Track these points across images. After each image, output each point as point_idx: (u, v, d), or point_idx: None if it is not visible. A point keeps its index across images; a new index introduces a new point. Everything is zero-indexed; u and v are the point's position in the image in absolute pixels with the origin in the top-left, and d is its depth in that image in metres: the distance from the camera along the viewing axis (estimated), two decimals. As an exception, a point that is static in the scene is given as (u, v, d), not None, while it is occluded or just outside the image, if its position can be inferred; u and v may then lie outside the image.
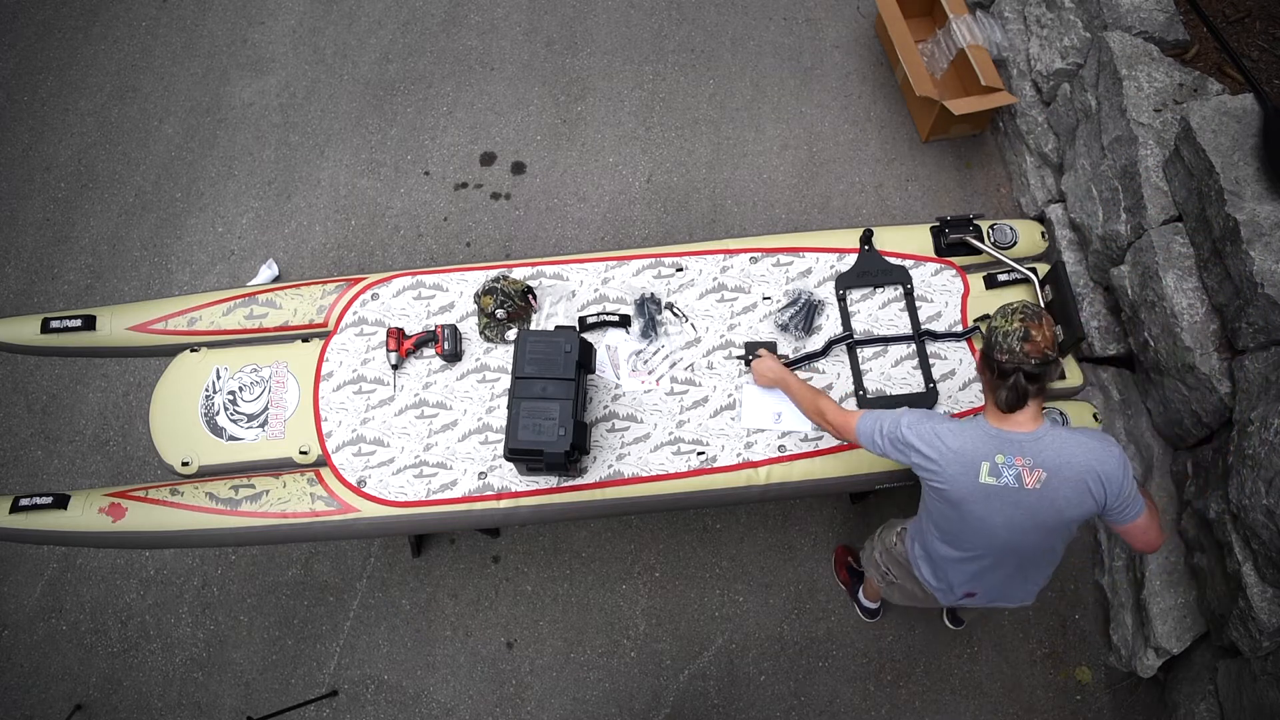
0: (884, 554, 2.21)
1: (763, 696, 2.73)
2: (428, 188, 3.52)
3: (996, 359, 1.64)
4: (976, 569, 1.88)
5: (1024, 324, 1.61)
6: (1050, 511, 1.69)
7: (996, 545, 1.80)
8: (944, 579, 1.95)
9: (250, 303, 2.33)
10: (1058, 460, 1.66)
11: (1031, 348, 1.60)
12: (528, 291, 2.31)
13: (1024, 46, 3.28)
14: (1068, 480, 1.66)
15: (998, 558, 1.84)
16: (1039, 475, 1.66)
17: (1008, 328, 1.63)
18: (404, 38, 3.85)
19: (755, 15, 3.87)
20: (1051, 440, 1.67)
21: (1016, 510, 1.70)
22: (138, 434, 3.09)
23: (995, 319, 1.67)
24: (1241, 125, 2.32)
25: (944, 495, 1.74)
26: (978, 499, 1.71)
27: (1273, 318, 2.09)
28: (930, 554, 1.94)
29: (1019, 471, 1.66)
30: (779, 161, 3.53)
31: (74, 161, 3.61)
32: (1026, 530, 1.74)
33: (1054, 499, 1.67)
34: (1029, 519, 1.71)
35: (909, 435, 1.74)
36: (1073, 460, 1.65)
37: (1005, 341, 1.62)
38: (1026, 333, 1.61)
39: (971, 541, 1.82)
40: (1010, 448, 1.67)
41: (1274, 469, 1.98)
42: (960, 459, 1.69)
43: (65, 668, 2.80)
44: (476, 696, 2.74)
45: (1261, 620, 2.06)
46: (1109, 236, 2.70)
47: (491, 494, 2.14)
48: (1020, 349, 1.60)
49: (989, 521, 1.73)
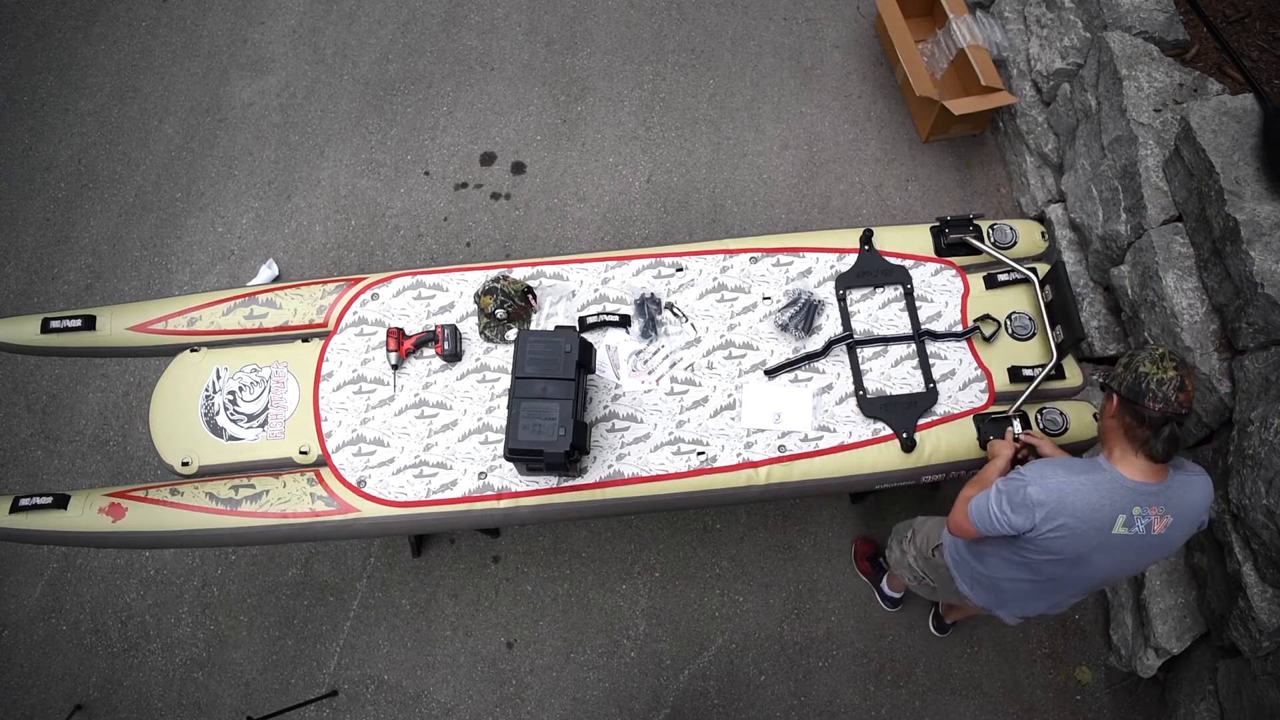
0: (920, 561, 2.16)
1: (763, 696, 2.73)
2: (428, 188, 3.52)
3: (1149, 408, 1.55)
4: (1050, 598, 1.85)
5: (1179, 373, 1.55)
6: (1162, 550, 1.69)
7: (1094, 582, 1.78)
8: (1001, 599, 1.91)
9: (250, 303, 2.33)
10: (1182, 505, 1.64)
11: (1185, 398, 1.55)
12: (528, 291, 2.31)
13: (1024, 46, 3.28)
14: (1187, 521, 1.66)
15: (1084, 590, 1.82)
16: (1167, 521, 1.64)
17: (1162, 375, 1.55)
18: (404, 38, 3.85)
19: (755, 15, 3.87)
20: (1178, 486, 1.64)
21: (1135, 555, 1.68)
22: (138, 434, 3.09)
23: (1143, 365, 1.58)
24: (1241, 125, 2.32)
25: (1061, 548, 1.67)
26: (1104, 550, 1.66)
27: (1273, 318, 2.09)
28: (994, 583, 1.88)
29: (1151, 520, 1.63)
30: (779, 161, 3.53)
31: (74, 161, 3.61)
32: (1131, 569, 1.74)
33: (1171, 540, 1.67)
34: (1140, 561, 1.71)
35: (1033, 494, 1.63)
36: (1193, 503, 1.65)
37: (1161, 390, 1.54)
38: (1183, 382, 1.55)
39: (1067, 582, 1.77)
40: (1147, 500, 1.62)
41: (1274, 469, 1.98)
42: (1095, 515, 1.62)
43: (65, 668, 2.80)
44: (476, 696, 2.74)
45: (1261, 620, 2.06)
46: (1109, 236, 2.70)
47: (491, 494, 2.14)
48: (1176, 399, 1.54)
49: (1102, 568, 1.71)
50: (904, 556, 2.24)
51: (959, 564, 1.96)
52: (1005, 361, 2.27)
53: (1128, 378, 1.60)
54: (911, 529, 2.25)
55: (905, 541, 2.24)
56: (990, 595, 1.93)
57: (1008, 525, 1.67)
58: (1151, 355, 1.59)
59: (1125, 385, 1.60)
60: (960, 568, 1.96)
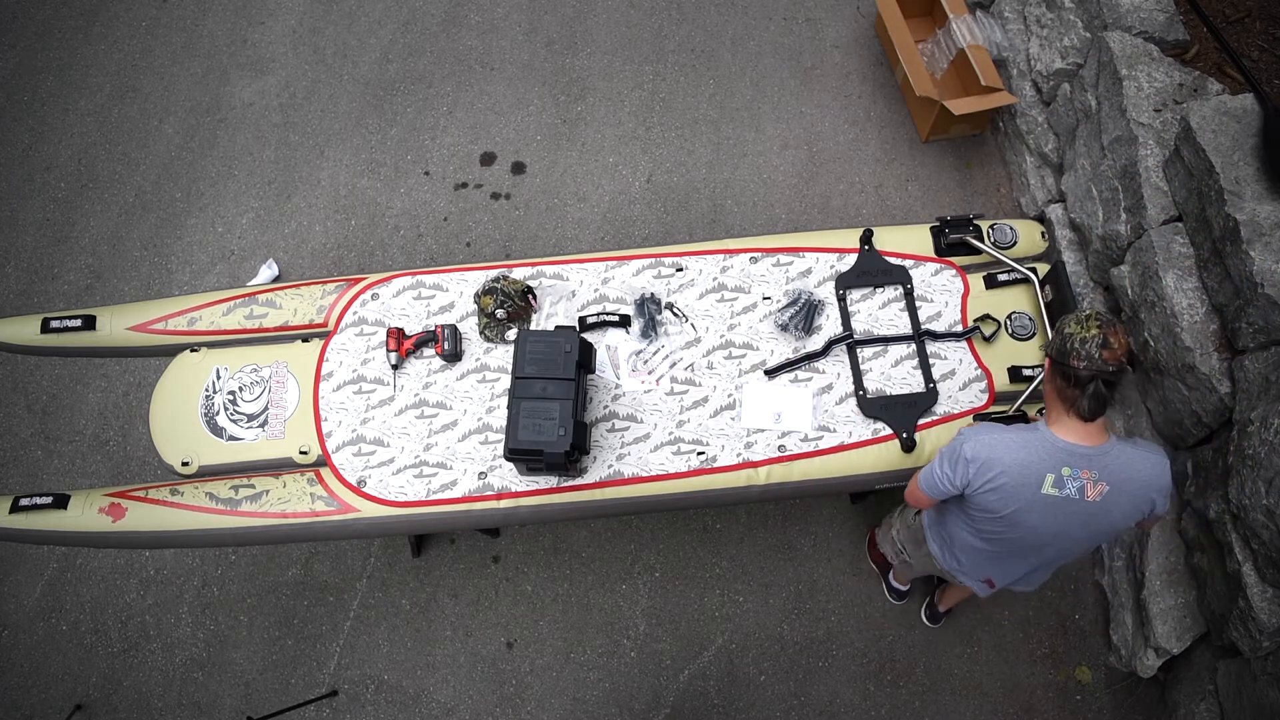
0: (902, 531, 2.23)
1: (763, 696, 2.73)
2: (428, 188, 3.52)
3: (1073, 366, 1.59)
4: (1006, 564, 1.89)
5: (1101, 331, 1.59)
6: (1104, 522, 1.70)
7: (1037, 548, 1.80)
8: (963, 563, 1.96)
9: (250, 303, 2.33)
10: (1122, 475, 1.66)
11: (1110, 355, 1.57)
12: (528, 291, 2.31)
13: (1024, 46, 3.28)
14: (1129, 494, 1.67)
15: (1035, 559, 1.85)
16: (1101, 488, 1.66)
17: (1084, 334, 1.59)
18: (404, 38, 3.85)
19: (755, 15, 3.87)
20: (1117, 454, 1.66)
21: (1071, 521, 1.70)
22: (138, 434, 3.09)
23: (1069, 326, 1.63)
24: (1241, 125, 2.32)
25: (995, 504, 1.71)
26: (1035, 509, 1.69)
27: (1273, 318, 2.09)
28: (953, 540, 1.94)
29: (1083, 484, 1.66)
30: (779, 161, 3.53)
31: (74, 161, 3.61)
32: (1075, 539, 1.75)
33: (1110, 511, 1.68)
34: (1081, 529, 1.72)
35: (966, 450, 1.70)
36: (1136, 476, 1.66)
37: (1083, 348, 1.59)
38: (1105, 340, 1.58)
39: (1012, 544, 1.81)
40: (1078, 461, 1.65)
41: (1274, 469, 1.98)
42: (1024, 472, 1.67)
43: (65, 668, 2.80)
44: (476, 696, 2.74)
45: (1261, 620, 2.06)
46: (1109, 236, 2.70)
47: (491, 494, 2.14)
48: (1099, 355, 1.57)
49: (1039, 530, 1.73)
50: (889, 530, 2.31)
51: (931, 528, 2.04)
52: (1005, 361, 2.27)
53: (1056, 340, 1.66)
54: (899, 508, 2.32)
55: (895, 516, 2.32)
56: (948, 552, 1.99)
57: (948, 483, 1.74)
58: (1077, 317, 1.64)
59: (1054, 348, 1.66)
60: (932, 530, 2.04)
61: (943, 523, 1.97)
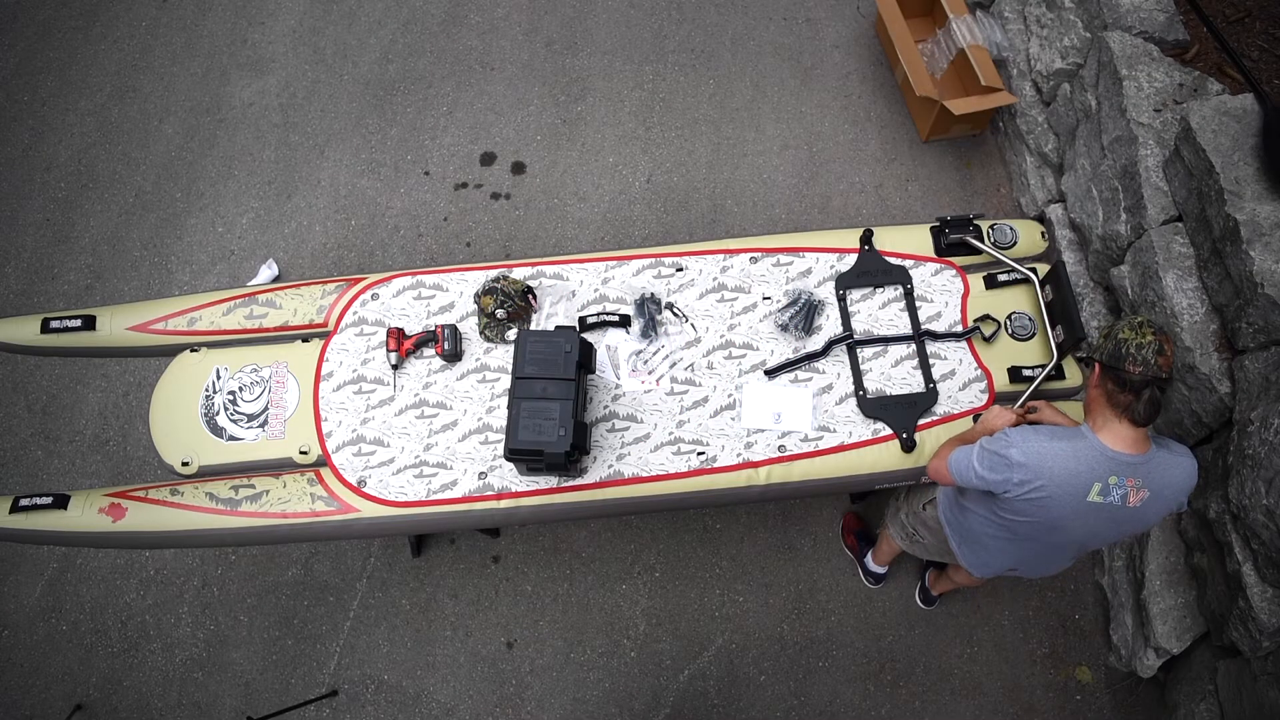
0: (911, 517, 2.23)
1: (763, 696, 2.73)
2: (428, 188, 3.52)
3: (1129, 371, 1.59)
4: (1032, 557, 1.90)
5: (1157, 338, 1.60)
6: (1138, 524, 1.72)
7: (1067, 545, 1.82)
8: (987, 559, 1.97)
9: (250, 303, 2.33)
10: (1162, 482, 1.67)
11: (1165, 361, 1.59)
12: (528, 291, 2.31)
13: (1024, 46, 3.28)
14: (1165, 499, 1.69)
15: (1062, 555, 1.87)
16: (1143, 495, 1.67)
17: (1140, 340, 1.60)
18: (404, 38, 3.85)
19: (755, 15, 3.87)
20: (1159, 462, 1.67)
21: (1109, 525, 1.71)
22: (138, 434, 3.09)
23: (1122, 331, 1.63)
24: (1241, 125, 2.32)
25: (1031, 511, 1.71)
26: (1077, 515, 1.70)
27: (1273, 318, 2.09)
28: (976, 538, 1.93)
29: (1126, 491, 1.66)
30: (779, 161, 3.53)
31: (74, 161, 3.61)
32: (1107, 538, 1.77)
33: (1147, 514, 1.70)
34: (1115, 531, 1.74)
35: (1014, 454, 1.68)
36: (1173, 482, 1.68)
37: (1140, 354, 1.59)
38: (1161, 346, 1.59)
39: (1043, 541, 1.81)
40: (1125, 470, 1.65)
41: (1274, 469, 1.98)
42: (1072, 482, 1.66)
43: (65, 668, 2.80)
44: (476, 696, 2.74)
45: (1261, 620, 2.06)
46: (1109, 236, 2.70)
47: (491, 494, 2.14)
48: (1155, 362, 1.58)
49: (1072, 531, 1.74)
50: (896, 514, 2.31)
51: (949, 519, 2.03)
52: (1005, 361, 2.27)
53: (1108, 345, 1.65)
54: (905, 489, 2.32)
55: (901, 500, 2.32)
56: (970, 549, 1.99)
57: (982, 482, 1.72)
58: (1130, 323, 1.64)
59: (1106, 353, 1.65)
60: (950, 522, 2.03)
61: (964, 520, 1.96)
